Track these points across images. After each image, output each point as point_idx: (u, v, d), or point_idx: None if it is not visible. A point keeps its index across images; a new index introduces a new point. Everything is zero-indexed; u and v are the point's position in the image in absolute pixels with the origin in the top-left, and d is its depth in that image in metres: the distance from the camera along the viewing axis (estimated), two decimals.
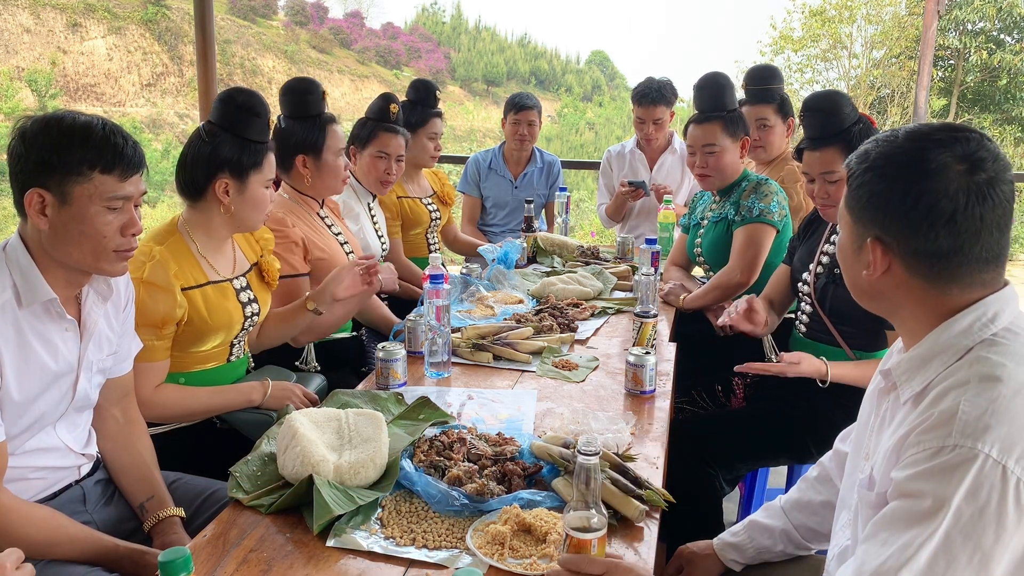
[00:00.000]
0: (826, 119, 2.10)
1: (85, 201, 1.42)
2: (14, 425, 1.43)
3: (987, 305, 1.09)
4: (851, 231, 1.17)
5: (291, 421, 1.53)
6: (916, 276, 1.11)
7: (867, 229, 1.13)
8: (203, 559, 1.26)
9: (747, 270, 2.66)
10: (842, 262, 1.22)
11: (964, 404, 1.01)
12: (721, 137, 2.73)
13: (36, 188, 1.40)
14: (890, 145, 1.12)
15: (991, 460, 0.96)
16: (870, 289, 1.17)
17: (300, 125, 2.43)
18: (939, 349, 1.10)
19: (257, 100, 1.98)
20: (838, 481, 1.43)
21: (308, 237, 2.38)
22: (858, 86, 18.31)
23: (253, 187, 1.96)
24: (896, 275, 1.12)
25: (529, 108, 3.91)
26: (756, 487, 2.47)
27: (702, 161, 2.77)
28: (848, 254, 1.19)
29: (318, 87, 2.48)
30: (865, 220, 1.13)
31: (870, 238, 1.12)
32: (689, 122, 2.85)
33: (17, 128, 1.44)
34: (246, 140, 1.94)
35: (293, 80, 2.51)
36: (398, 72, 29.88)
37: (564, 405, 1.86)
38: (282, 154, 2.40)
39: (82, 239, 1.43)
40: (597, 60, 40.56)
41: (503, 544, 1.28)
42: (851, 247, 1.18)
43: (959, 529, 0.96)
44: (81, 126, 1.42)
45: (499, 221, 4.10)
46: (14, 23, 22.40)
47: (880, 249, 1.11)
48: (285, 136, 2.41)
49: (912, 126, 1.14)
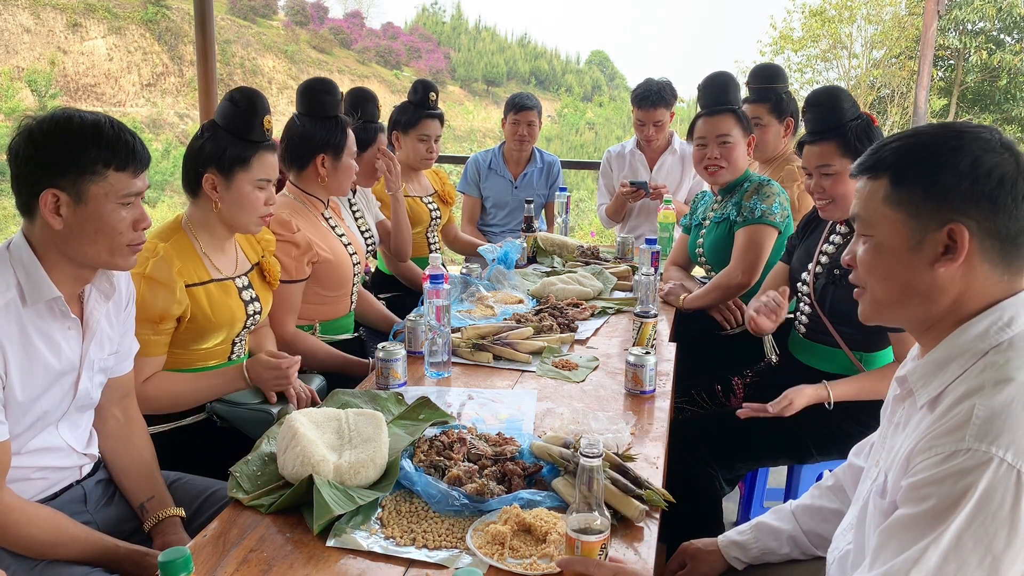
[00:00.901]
0: (824, 114, 2.12)
1: (101, 199, 1.43)
2: (17, 424, 1.43)
3: (1003, 309, 1.09)
4: (905, 227, 1.10)
5: (291, 421, 1.53)
6: (985, 261, 1.08)
7: (937, 217, 1.07)
8: (203, 559, 1.26)
9: (748, 271, 2.66)
10: (884, 269, 1.14)
11: (978, 408, 1.01)
12: (734, 129, 2.74)
13: (51, 189, 1.41)
14: (934, 134, 1.10)
15: (1005, 464, 0.96)
16: (931, 288, 1.10)
17: (320, 125, 2.41)
18: (956, 353, 1.10)
19: (255, 99, 1.97)
20: (851, 494, 1.43)
21: (312, 240, 2.36)
22: (858, 86, 18.31)
23: (239, 184, 1.94)
24: (968, 262, 1.08)
25: (529, 108, 3.91)
26: (756, 487, 2.47)
27: (715, 152, 2.74)
28: (900, 255, 1.11)
29: (337, 88, 2.49)
30: (934, 208, 1.08)
31: (951, 224, 1.07)
32: (698, 117, 2.84)
33: (22, 129, 1.44)
34: (237, 138, 1.94)
35: (314, 80, 2.50)
36: (398, 72, 29.88)
37: (564, 405, 1.86)
38: (300, 152, 2.40)
39: (98, 236, 1.45)
40: (597, 60, 40.56)
41: (503, 544, 1.28)
42: (906, 246, 1.10)
43: (971, 532, 0.96)
44: (91, 125, 1.43)
45: (499, 221, 4.10)
46: (14, 23, 22.40)
47: (965, 232, 1.06)
48: (304, 135, 2.40)
49: (928, 123, 1.14)
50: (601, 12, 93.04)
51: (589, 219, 13.04)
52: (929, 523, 0.98)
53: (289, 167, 2.46)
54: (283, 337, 2.32)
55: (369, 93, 2.88)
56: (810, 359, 2.28)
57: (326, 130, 2.41)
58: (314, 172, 2.43)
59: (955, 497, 0.97)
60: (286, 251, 2.27)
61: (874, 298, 1.17)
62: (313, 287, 2.40)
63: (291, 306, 2.33)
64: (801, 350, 2.32)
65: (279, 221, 2.28)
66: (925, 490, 1.00)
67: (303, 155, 2.41)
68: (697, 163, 2.84)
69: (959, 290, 1.10)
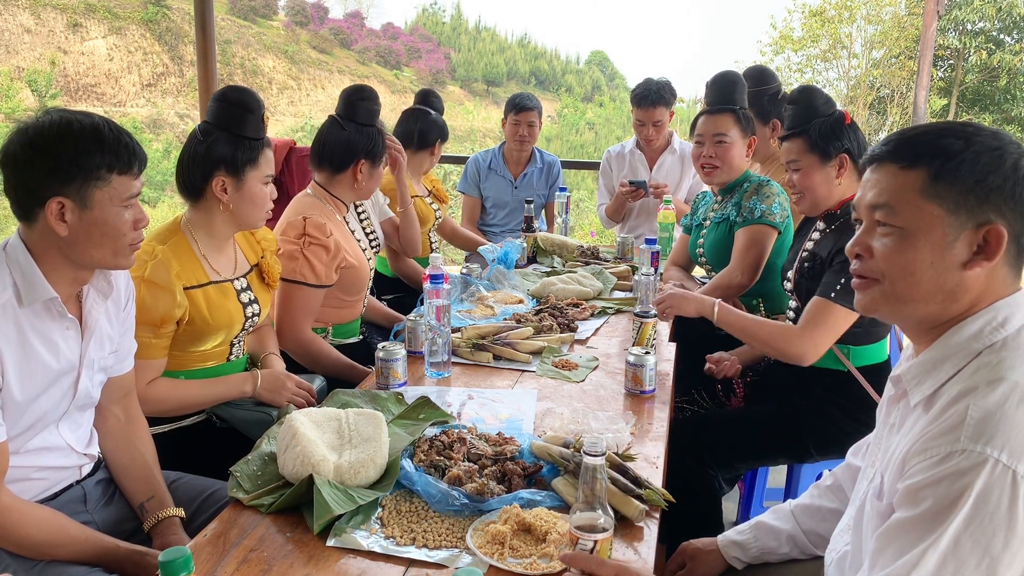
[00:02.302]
0: (796, 111, 2.20)
1: (105, 204, 1.43)
2: (16, 424, 1.43)
3: (997, 309, 1.09)
4: (942, 222, 1.07)
5: (291, 421, 1.53)
6: (1006, 264, 1.08)
7: (978, 214, 1.06)
8: (203, 559, 1.26)
9: (748, 271, 2.66)
10: (908, 263, 1.10)
11: (972, 409, 1.01)
12: (732, 129, 2.75)
13: (56, 197, 1.40)
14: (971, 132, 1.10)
15: (1000, 465, 0.96)
16: (957, 288, 1.08)
17: (364, 132, 2.47)
18: (950, 353, 1.09)
19: (250, 97, 1.98)
20: (849, 493, 1.43)
21: (341, 245, 2.36)
22: (858, 86, 18.30)
23: (250, 184, 1.96)
24: (994, 263, 1.07)
25: (529, 109, 3.92)
26: (756, 487, 2.48)
27: (710, 151, 2.77)
28: (933, 251, 1.08)
29: (379, 98, 2.56)
30: (976, 204, 1.06)
31: (995, 223, 1.06)
32: (700, 114, 2.86)
33: (18, 134, 1.41)
34: (241, 137, 1.94)
35: (361, 87, 2.56)
36: (398, 72, 29.87)
37: (564, 405, 1.86)
38: (340, 156, 2.44)
39: (104, 239, 1.45)
40: (597, 60, 40.54)
41: (503, 544, 1.28)
42: (941, 241, 1.08)
43: (968, 534, 0.96)
44: (91, 129, 1.42)
45: (499, 221, 4.10)
46: (14, 23, 22.39)
47: (1005, 233, 1.05)
48: (349, 140, 2.45)
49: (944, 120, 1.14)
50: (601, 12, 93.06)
51: (589, 219, 13.04)
52: (926, 526, 0.98)
53: (322, 168, 2.48)
54: (299, 340, 2.32)
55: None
56: None
57: (369, 138, 2.47)
58: (351, 177, 2.47)
59: (951, 499, 0.97)
60: (317, 255, 2.27)
61: (891, 291, 1.13)
62: (334, 292, 2.41)
63: (311, 310, 2.33)
64: None
65: (315, 224, 2.28)
66: (921, 493, 1.00)
67: (344, 159, 2.45)
68: (694, 161, 2.87)
69: (979, 291, 1.09)
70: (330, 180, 2.48)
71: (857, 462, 1.44)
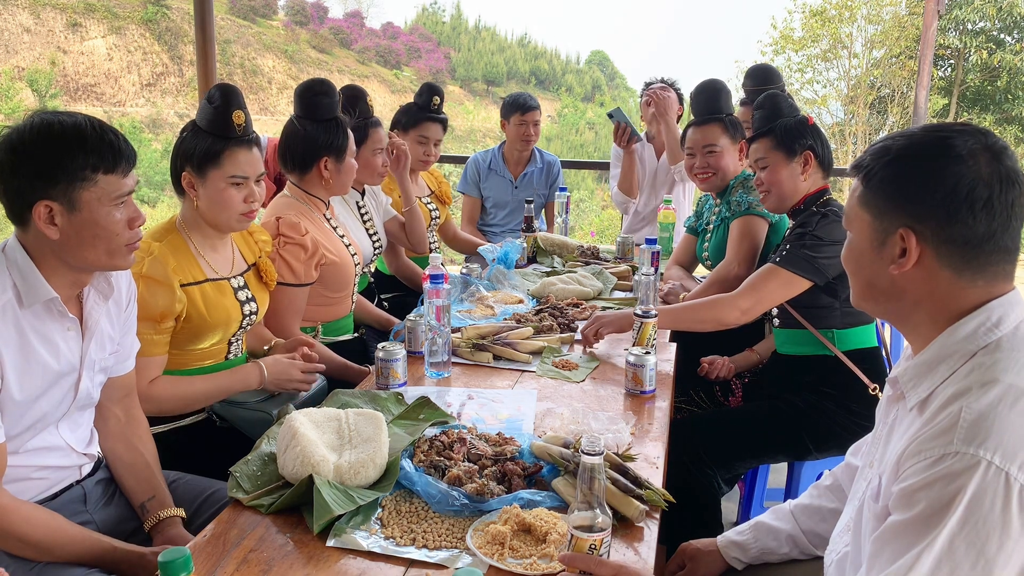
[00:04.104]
0: (762, 115, 2.32)
1: (94, 204, 1.42)
2: (16, 425, 1.43)
3: (991, 310, 1.09)
4: (870, 227, 1.14)
5: (291, 421, 1.53)
6: (946, 267, 1.09)
7: (895, 221, 1.11)
8: (203, 559, 1.26)
9: (744, 262, 2.68)
10: (854, 263, 1.19)
11: (965, 411, 1.01)
12: (721, 138, 2.82)
13: (43, 200, 1.39)
14: (909, 138, 1.12)
15: (993, 467, 0.96)
16: (891, 287, 1.14)
17: (321, 128, 2.40)
18: (945, 354, 1.09)
19: (224, 95, 1.93)
20: (848, 492, 1.43)
21: (320, 242, 2.35)
22: (858, 86, 18.30)
23: (212, 182, 1.92)
24: (925, 267, 1.10)
25: (534, 108, 3.96)
26: (756, 487, 2.47)
27: (703, 163, 2.84)
28: (865, 253, 1.16)
29: (335, 88, 2.48)
30: (892, 212, 1.11)
31: (901, 229, 1.10)
32: (688, 126, 2.90)
33: (1, 141, 1.40)
34: (209, 134, 1.92)
35: (311, 81, 2.47)
36: (398, 72, 29.89)
37: (564, 405, 1.86)
38: (302, 156, 2.40)
39: (96, 241, 1.43)
40: (597, 60, 40.57)
41: (503, 544, 1.28)
42: (870, 245, 1.15)
43: (963, 536, 0.96)
44: (72, 129, 1.40)
45: (499, 221, 4.10)
46: (14, 23, 22.40)
47: (914, 238, 1.09)
48: (306, 138, 2.39)
49: (923, 124, 1.15)
50: (601, 12, 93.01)
51: (589, 219, 13.05)
52: (921, 529, 0.98)
53: (291, 170, 2.45)
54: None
55: (360, 90, 2.84)
56: (791, 348, 2.31)
57: (327, 132, 2.40)
58: (318, 175, 2.42)
59: (945, 502, 0.97)
60: (295, 255, 2.25)
61: (852, 290, 1.23)
62: (318, 289, 2.39)
63: (296, 309, 2.32)
64: (781, 342, 2.34)
65: (288, 224, 2.27)
66: (915, 495, 1.00)
67: (306, 159, 2.40)
68: (688, 172, 2.95)
69: (923, 292, 1.11)
70: (300, 180, 2.45)
71: (856, 461, 1.44)
